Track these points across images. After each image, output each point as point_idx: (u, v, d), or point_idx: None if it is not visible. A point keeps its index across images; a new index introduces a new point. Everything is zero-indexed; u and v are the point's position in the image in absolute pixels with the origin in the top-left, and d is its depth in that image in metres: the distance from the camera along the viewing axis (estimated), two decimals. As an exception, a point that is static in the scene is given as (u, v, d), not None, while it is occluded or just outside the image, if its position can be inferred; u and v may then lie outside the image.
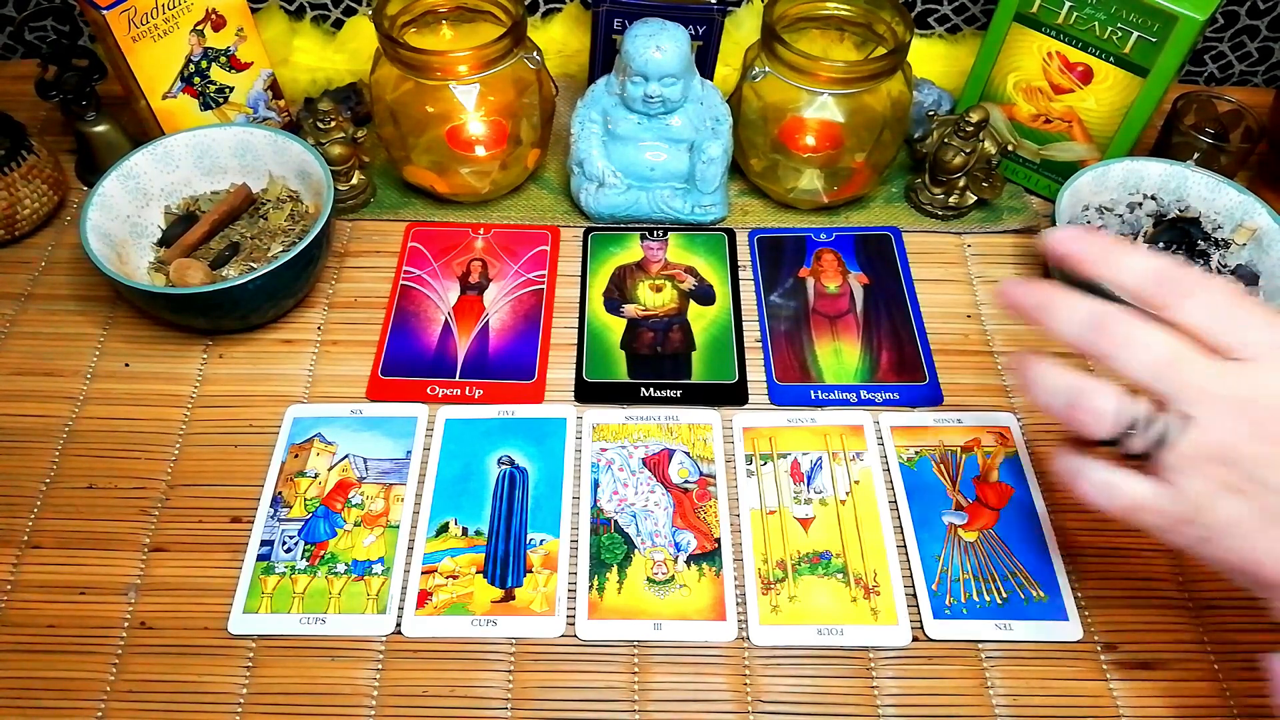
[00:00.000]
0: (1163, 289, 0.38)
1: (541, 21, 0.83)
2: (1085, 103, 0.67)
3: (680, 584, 0.53)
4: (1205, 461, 0.37)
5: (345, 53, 0.80)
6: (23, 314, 0.65)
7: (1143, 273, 0.39)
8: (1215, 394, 0.37)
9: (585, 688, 0.49)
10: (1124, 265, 0.39)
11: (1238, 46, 0.83)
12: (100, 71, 0.69)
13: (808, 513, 0.55)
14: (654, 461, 0.58)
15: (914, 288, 0.67)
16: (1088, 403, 0.38)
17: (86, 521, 0.55)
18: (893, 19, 0.65)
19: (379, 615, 0.52)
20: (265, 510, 0.55)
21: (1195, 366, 0.37)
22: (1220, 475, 0.37)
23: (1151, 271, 0.38)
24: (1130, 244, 0.40)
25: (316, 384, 0.62)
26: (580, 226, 0.71)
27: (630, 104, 0.65)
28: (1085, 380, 0.39)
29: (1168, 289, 0.38)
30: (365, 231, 0.71)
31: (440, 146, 0.69)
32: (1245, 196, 0.63)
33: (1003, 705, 0.49)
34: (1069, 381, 0.39)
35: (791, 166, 0.69)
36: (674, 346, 0.63)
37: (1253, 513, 0.37)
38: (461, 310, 0.65)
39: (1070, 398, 0.39)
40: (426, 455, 0.58)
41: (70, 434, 0.59)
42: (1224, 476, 0.37)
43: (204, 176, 0.68)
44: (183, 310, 0.60)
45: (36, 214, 0.69)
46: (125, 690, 0.49)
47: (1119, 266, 0.39)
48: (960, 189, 0.70)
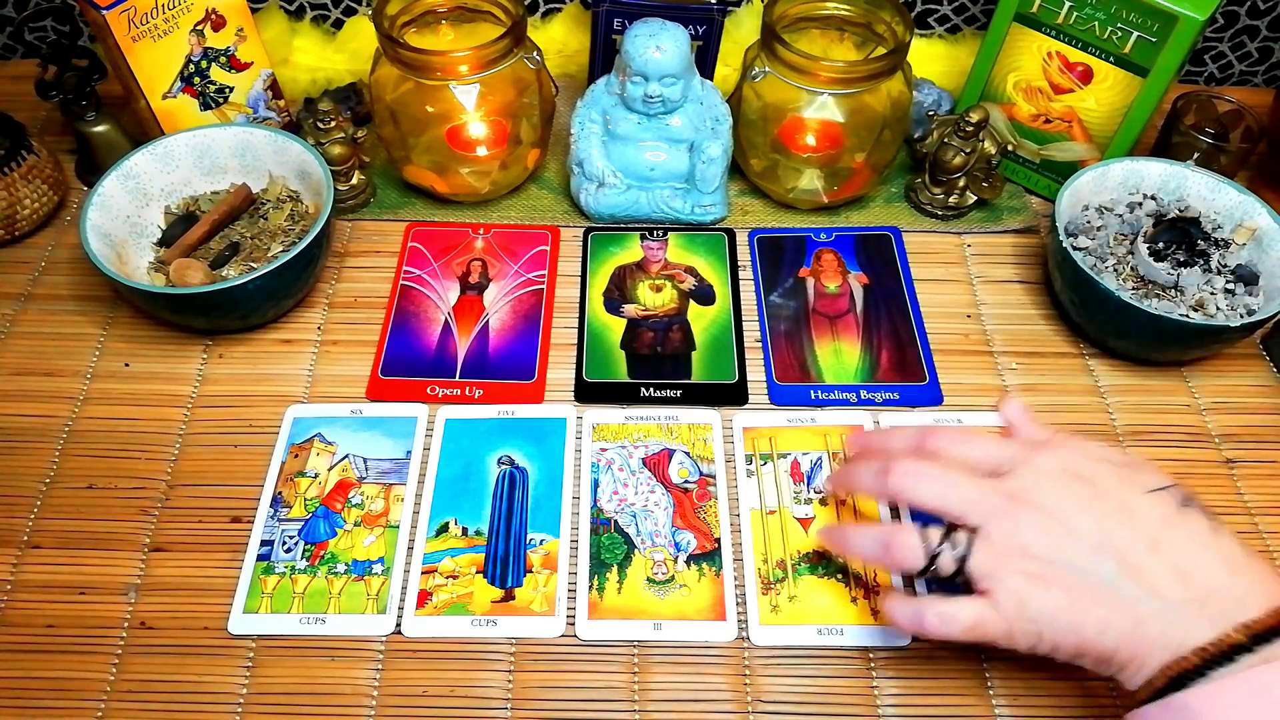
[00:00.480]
0: (925, 445, 0.46)
1: (541, 21, 0.83)
2: (1085, 103, 0.67)
3: (680, 584, 0.53)
4: (1005, 559, 0.41)
5: (345, 53, 0.80)
6: (23, 314, 0.65)
7: (909, 438, 0.47)
8: (989, 503, 0.42)
9: (585, 688, 0.49)
10: (893, 440, 0.48)
11: (1238, 46, 0.83)
12: (100, 71, 0.69)
13: (808, 513, 0.55)
14: (654, 461, 0.58)
15: (914, 288, 0.67)
16: (896, 542, 0.44)
17: (86, 521, 0.55)
18: (893, 19, 0.65)
19: (379, 615, 0.52)
20: (265, 510, 0.55)
21: (968, 486, 0.43)
22: (1021, 568, 0.41)
23: (912, 437, 0.47)
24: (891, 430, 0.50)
25: (316, 384, 0.62)
26: (580, 226, 0.71)
27: (630, 104, 0.65)
28: (888, 526, 0.46)
29: (929, 444, 0.46)
30: (365, 231, 0.71)
31: (440, 146, 0.69)
32: (1245, 196, 0.63)
33: (1003, 705, 0.49)
34: (875, 532, 0.46)
35: (791, 166, 0.69)
36: (674, 346, 0.63)
37: (1060, 594, 0.40)
38: (461, 310, 0.65)
39: (881, 542, 0.44)
40: (426, 455, 0.58)
41: (70, 434, 0.59)
42: (1025, 569, 0.41)
43: (204, 176, 0.68)
44: (183, 310, 0.60)
45: (36, 214, 0.69)
46: (125, 690, 0.49)
47: (890, 443, 0.48)
48: (960, 189, 0.70)
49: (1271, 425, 0.60)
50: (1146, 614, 0.39)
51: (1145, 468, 0.43)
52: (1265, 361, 0.64)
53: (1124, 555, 0.40)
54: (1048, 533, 0.41)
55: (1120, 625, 0.39)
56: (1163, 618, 0.39)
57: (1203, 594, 0.39)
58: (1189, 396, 0.62)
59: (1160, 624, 0.39)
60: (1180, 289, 0.61)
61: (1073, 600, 0.40)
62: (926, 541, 0.43)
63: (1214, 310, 0.59)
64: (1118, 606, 0.39)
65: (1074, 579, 0.40)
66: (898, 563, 0.44)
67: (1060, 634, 0.40)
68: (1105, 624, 0.39)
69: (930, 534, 0.43)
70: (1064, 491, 0.42)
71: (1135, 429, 0.60)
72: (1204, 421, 0.61)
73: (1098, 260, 0.63)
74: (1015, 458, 0.44)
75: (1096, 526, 0.41)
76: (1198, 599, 0.39)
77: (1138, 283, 0.62)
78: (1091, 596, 0.40)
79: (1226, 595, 0.38)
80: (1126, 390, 0.62)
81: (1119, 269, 0.62)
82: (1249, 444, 0.59)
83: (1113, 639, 0.39)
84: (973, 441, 0.45)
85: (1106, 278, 0.61)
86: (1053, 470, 0.43)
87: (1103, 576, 0.40)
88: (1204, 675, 0.37)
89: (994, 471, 0.44)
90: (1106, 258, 0.63)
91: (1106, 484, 0.42)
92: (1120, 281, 0.62)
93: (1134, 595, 0.39)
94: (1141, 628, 0.39)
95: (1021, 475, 0.43)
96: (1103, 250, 0.63)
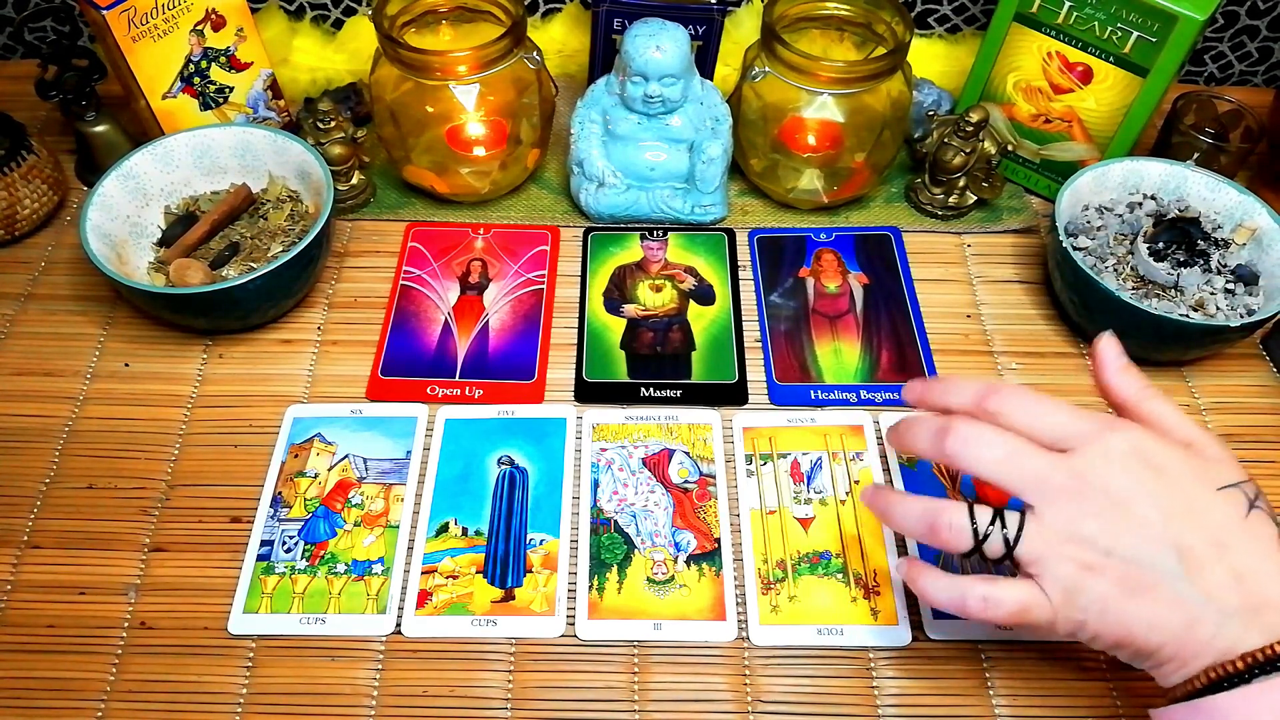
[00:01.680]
0: (987, 405, 0.42)
1: (541, 21, 0.83)
2: (1085, 103, 0.67)
3: (680, 584, 0.53)
4: (1058, 545, 0.39)
5: (345, 53, 0.80)
6: (23, 314, 0.65)
7: (970, 394, 0.43)
8: (1050, 482, 0.40)
9: (585, 688, 0.49)
10: (953, 394, 0.44)
11: (1238, 46, 0.83)
12: (100, 71, 0.69)
13: (808, 513, 0.55)
14: (654, 461, 0.58)
15: (914, 288, 0.67)
16: (943, 520, 0.41)
17: (86, 521, 0.55)
18: (893, 19, 0.65)
19: (379, 615, 0.52)
20: (265, 510, 0.55)
21: (1030, 460, 0.40)
22: (1074, 555, 0.39)
23: (973, 393, 0.43)
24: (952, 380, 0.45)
25: (316, 384, 0.62)
26: (580, 226, 0.71)
27: (630, 104, 0.65)
28: (936, 501, 0.43)
29: (992, 404, 0.42)
30: (365, 231, 0.71)
31: (440, 146, 0.69)
32: (1245, 196, 0.63)
33: (1003, 705, 0.49)
34: (923, 506, 0.43)
35: (791, 166, 0.69)
36: (674, 346, 0.63)
37: (1112, 586, 0.39)
38: (461, 310, 0.65)
39: (928, 520, 0.42)
40: (426, 455, 0.58)
41: (70, 434, 0.59)
42: (1078, 556, 0.39)
43: (204, 176, 0.68)
44: (183, 310, 0.60)
45: (36, 214, 0.69)
46: (125, 690, 0.49)
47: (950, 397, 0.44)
48: (960, 189, 0.70)
49: (1271, 425, 0.60)
50: (1200, 616, 0.38)
51: (1221, 460, 0.41)
52: (1265, 361, 0.64)
53: (1186, 553, 0.38)
54: (1109, 521, 0.39)
55: (1171, 624, 0.38)
56: (1216, 621, 0.37)
57: (1259, 603, 0.37)
58: (1189, 396, 0.62)
59: (1212, 627, 0.37)
60: (1180, 289, 0.61)
61: (1125, 593, 0.38)
62: (975, 522, 0.40)
63: (1214, 310, 0.59)
64: (1171, 605, 0.38)
65: (1129, 571, 0.38)
66: (944, 543, 0.41)
67: (1107, 626, 0.39)
68: (1155, 621, 0.38)
69: (980, 513, 0.41)
70: (1132, 478, 0.39)
71: (1135, 429, 0.60)
72: (1204, 421, 0.61)
73: (1098, 260, 0.63)
74: (1085, 433, 0.40)
75: (1161, 520, 0.39)
76: (1253, 607, 0.37)
77: (1138, 283, 0.62)
78: (1145, 591, 0.38)
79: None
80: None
81: (1119, 269, 0.62)
82: (1249, 444, 0.59)
83: (1160, 637, 0.38)
84: (1041, 407, 0.42)
85: (1106, 278, 0.61)
86: (1123, 453, 0.40)
87: (1161, 573, 0.38)
88: (1245, 681, 0.36)
89: (1058, 444, 0.41)
90: (1106, 258, 0.63)
91: (1178, 475, 0.40)
92: (1120, 281, 0.62)
93: (1190, 596, 0.38)
94: (1192, 629, 0.38)
95: (1089, 454, 0.40)
96: (1103, 250, 0.63)
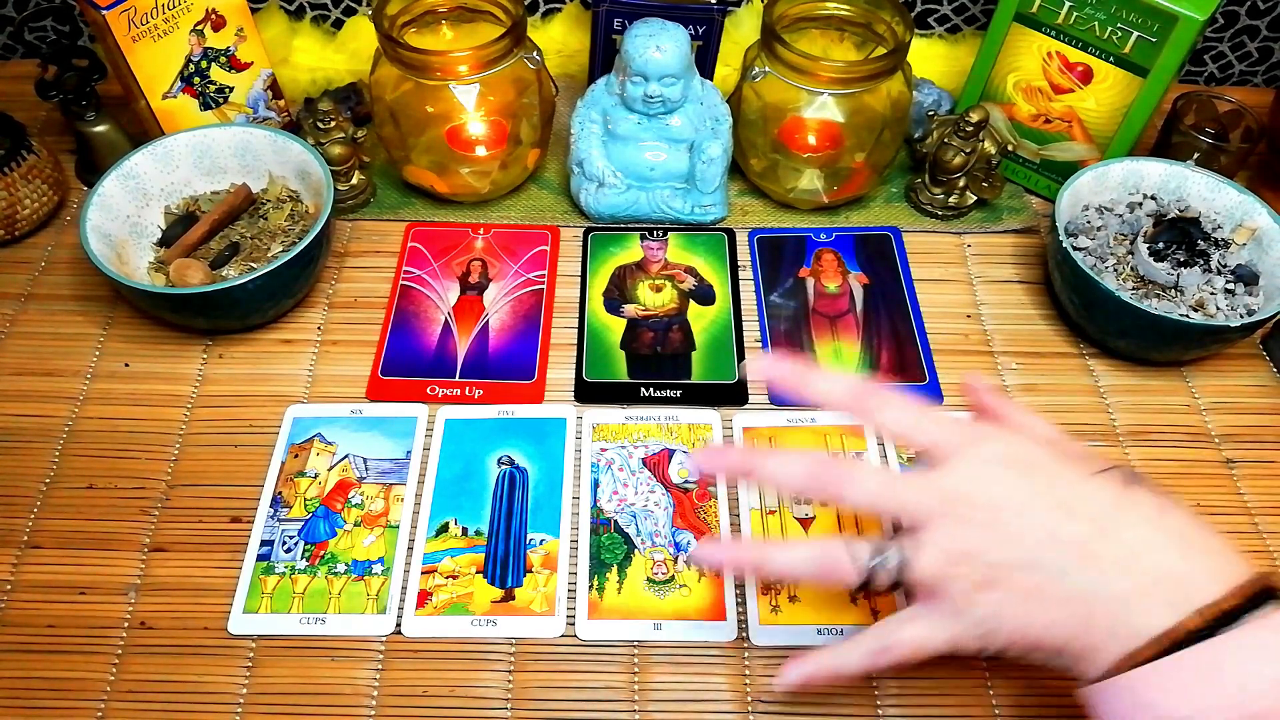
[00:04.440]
0: (858, 405, 0.42)
1: (541, 21, 0.83)
2: (1085, 103, 0.67)
3: (680, 584, 0.53)
4: (946, 566, 0.39)
5: (345, 53, 0.80)
6: (23, 314, 0.65)
7: (839, 393, 0.43)
8: (928, 503, 0.39)
9: (585, 688, 0.49)
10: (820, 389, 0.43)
11: (1238, 46, 0.83)
12: (100, 71, 0.69)
13: (808, 513, 0.55)
14: (654, 461, 0.58)
15: (914, 288, 0.67)
16: (829, 559, 0.40)
17: (86, 521, 0.55)
18: (893, 19, 0.65)
19: (379, 615, 0.52)
20: (265, 510, 0.55)
21: (904, 484, 0.40)
22: (965, 574, 0.38)
23: (844, 391, 0.43)
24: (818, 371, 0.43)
25: (316, 384, 0.62)
26: (580, 226, 0.71)
27: (630, 104, 0.65)
28: (819, 543, 0.42)
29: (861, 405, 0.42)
30: (365, 231, 0.71)
31: (440, 146, 0.69)
32: (1245, 196, 0.63)
33: (1002, 705, 0.49)
34: (806, 551, 0.42)
35: (791, 166, 0.69)
36: (674, 346, 0.63)
37: (1009, 597, 0.38)
38: (461, 310, 0.65)
39: (814, 562, 0.41)
40: (426, 455, 0.58)
41: (70, 434, 0.59)
42: (969, 574, 0.38)
43: (204, 176, 0.68)
44: (183, 310, 0.60)
45: (36, 214, 0.69)
46: (125, 690, 0.49)
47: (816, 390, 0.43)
48: (960, 189, 0.70)
49: (1271, 425, 0.60)
50: (1098, 605, 0.37)
51: (1086, 453, 0.41)
52: (1265, 361, 0.64)
53: (1073, 547, 0.38)
54: (992, 532, 0.38)
55: (1069, 621, 0.37)
56: (1114, 608, 0.37)
57: (1157, 576, 0.37)
58: (1189, 396, 0.62)
59: (1112, 615, 0.37)
60: (1180, 289, 0.61)
61: (1019, 600, 0.38)
62: (856, 559, 0.40)
63: (1214, 310, 0.59)
64: (1068, 601, 0.37)
65: (1021, 578, 0.38)
66: (833, 581, 0.41)
67: (1009, 635, 0.38)
68: (1054, 620, 0.38)
69: (858, 549, 0.40)
70: (1007, 485, 0.39)
71: (1135, 429, 0.60)
72: (1204, 421, 0.61)
73: (1098, 260, 0.63)
74: (954, 443, 0.40)
75: (1044, 519, 0.38)
76: (1152, 582, 0.37)
77: (1138, 283, 0.62)
78: (1040, 594, 0.38)
79: (1182, 578, 0.36)
80: (1126, 390, 0.62)
81: (1119, 269, 0.62)
82: (1249, 444, 0.59)
83: (1063, 634, 0.38)
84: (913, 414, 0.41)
85: (1106, 278, 0.61)
86: (993, 460, 0.40)
87: (1049, 572, 0.37)
88: None
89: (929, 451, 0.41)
90: (1106, 258, 0.63)
91: (1050, 470, 0.40)
92: (1120, 281, 0.62)
93: (1085, 587, 0.37)
94: (1092, 620, 0.37)
95: (960, 468, 0.40)
96: (1103, 250, 0.63)
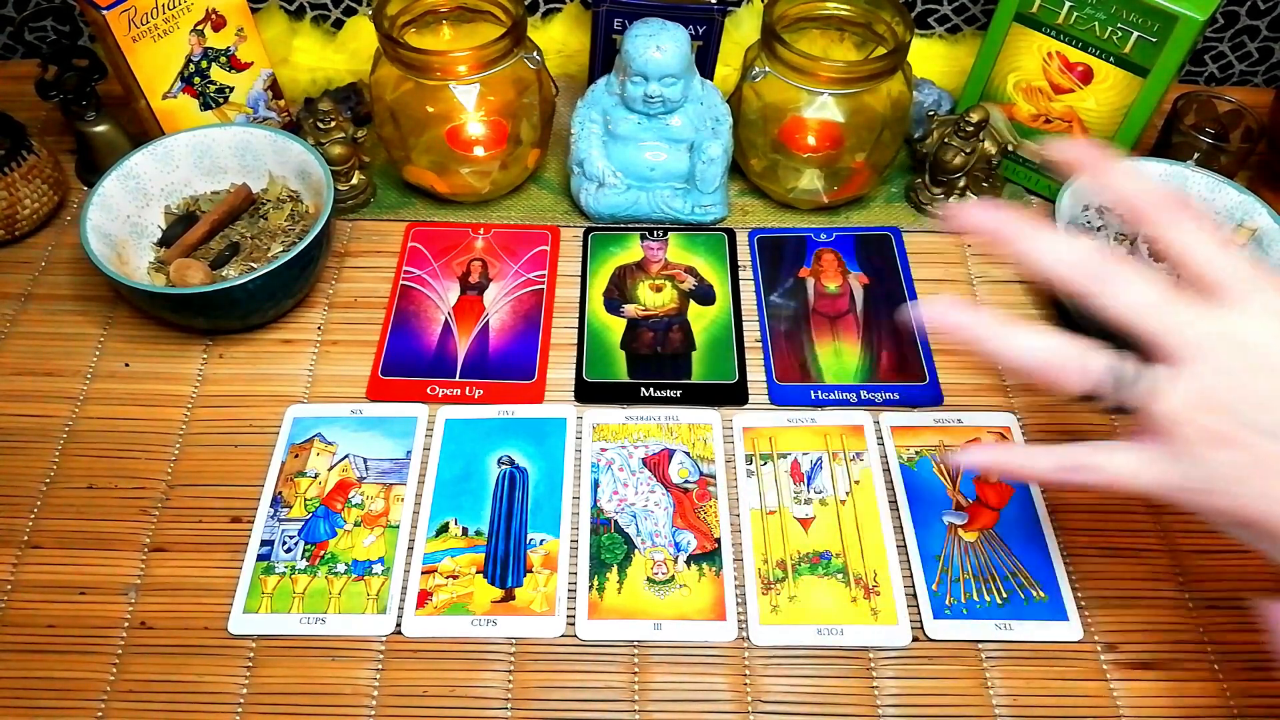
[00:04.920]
0: (1158, 211, 0.38)
1: (541, 21, 0.83)
2: (1085, 103, 0.67)
3: (680, 584, 0.53)
4: (1196, 410, 0.35)
5: (345, 53, 0.80)
6: (23, 314, 0.65)
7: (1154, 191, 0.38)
8: (1200, 337, 0.36)
9: (585, 688, 0.49)
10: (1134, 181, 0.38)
11: (1238, 46, 0.83)
12: (100, 71, 0.69)
13: (808, 513, 0.55)
14: (654, 461, 0.58)
15: (914, 288, 0.67)
16: (1059, 356, 0.37)
17: (86, 521, 0.55)
18: (893, 19, 0.65)
19: (379, 615, 0.52)
20: (265, 510, 0.55)
21: (1181, 310, 0.36)
22: (1212, 424, 0.35)
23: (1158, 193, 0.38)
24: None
25: (316, 384, 0.62)
26: (580, 226, 0.71)
27: (630, 104, 0.65)
28: (1055, 338, 0.38)
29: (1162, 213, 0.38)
30: (365, 231, 0.71)
31: (440, 146, 0.69)
32: (1245, 196, 0.63)
33: (1003, 705, 0.49)
34: (1039, 341, 0.38)
35: (791, 166, 0.69)
36: (674, 346, 0.63)
37: (1247, 462, 0.35)
38: (461, 310, 0.65)
39: (1043, 355, 0.37)
40: (426, 455, 0.58)
41: (70, 434, 0.59)
42: (1216, 425, 0.35)
43: (204, 176, 0.68)
44: (183, 310, 0.60)
45: (36, 214, 0.69)
46: (125, 690, 0.49)
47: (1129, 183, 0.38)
48: (960, 189, 0.70)
49: (1271, 425, 0.60)
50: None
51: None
52: (1265, 361, 0.64)
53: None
54: (1260, 390, 0.35)
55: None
56: None
57: None
58: (1189, 396, 0.62)
59: None
60: (1180, 289, 0.61)
61: (1260, 474, 0.35)
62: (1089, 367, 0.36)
63: (1214, 310, 0.59)
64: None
65: (1267, 449, 0.35)
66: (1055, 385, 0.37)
67: (1233, 503, 0.36)
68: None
69: (1094, 357, 0.36)
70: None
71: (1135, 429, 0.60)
72: (1204, 421, 0.60)
73: (1098, 260, 0.63)
74: (1239, 282, 0.36)
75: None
76: None
77: (1138, 283, 0.62)
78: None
79: None
80: (1126, 390, 0.62)
81: (1119, 269, 0.62)
82: (1249, 444, 0.59)
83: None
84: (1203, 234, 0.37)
85: (1106, 278, 0.61)
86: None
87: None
88: None
89: (1207, 280, 0.36)
90: (1106, 258, 0.63)
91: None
92: (1120, 281, 0.62)
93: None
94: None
95: (1250, 312, 0.35)
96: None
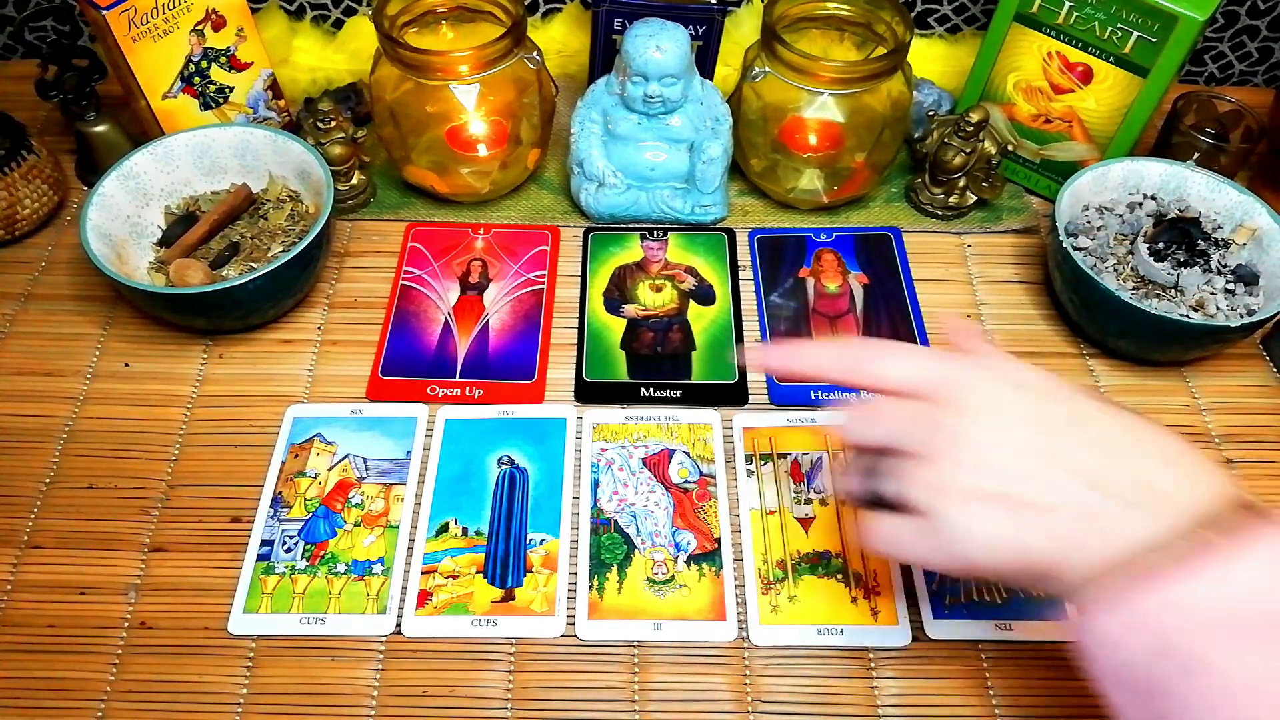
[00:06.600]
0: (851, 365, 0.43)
1: (541, 21, 0.83)
2: (1085, 103, 0.67)
3: (680, 584, 0.53)
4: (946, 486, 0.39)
5: (345, 53, 0.80)
6: (23, 314, 0.65)
7: (830, 359, 0.43)
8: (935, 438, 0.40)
9: (585, 688, 0.49)
10: (810, 359, 0.44)
11: (1238, 46, 0.83)
12: (100, 71, 0.69)
13: (808, 513, 0.55)
14: (654, 461, 0.58)
15: (914, 288, 0.67)
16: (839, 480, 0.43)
17: (86, 521, 0.55)
18: (893, 19, 0.65)
19: (379, 615, 0.52)
20: (265, 510, 0.55)
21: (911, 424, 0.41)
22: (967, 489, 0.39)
23: (834, 355, 0.43)
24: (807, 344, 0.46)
25: (316, 384, 0.62)
26: (580, 226, 0.71)
27: (630, 104, 0.65)
28: None
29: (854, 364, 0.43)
30: (365, 231, 0.71)
31: (440, 146, 0.69)
32: (1245, 196, 0.63)
33: (1003, 705, 0.49)
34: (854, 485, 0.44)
35: (791, 166, 0.69)
36: (674, 346, 0.63)
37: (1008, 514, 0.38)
38: (461, 310, 0.65)
39: None
40: (426, 455, 0.58)
41: (70, 434, 0.59)
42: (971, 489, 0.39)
43: (204, 176, 0.68)
44: (183, 310, 0.60)
45: (36, 214, 0.69)
46: (125, 690, 0.49)
47: (807, 362, 0.44)
48: (960, 189, 0.70)
49: (1271, 425, 0.60)
50: (1096, 512, 0.37)
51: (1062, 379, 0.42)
52: (1265, 361, 0.64)
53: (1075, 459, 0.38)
54: (996, 450, 0.39)
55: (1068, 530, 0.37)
56: (1109, 515, 0.37)
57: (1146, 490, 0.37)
58: (1189, 396, 0.62)
59: (1106, 522, 0.37)
60: (1180, 289, 0.61)
61: (1020, 517, 0.38)
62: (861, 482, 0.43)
63: (1214, 310, 0.59)
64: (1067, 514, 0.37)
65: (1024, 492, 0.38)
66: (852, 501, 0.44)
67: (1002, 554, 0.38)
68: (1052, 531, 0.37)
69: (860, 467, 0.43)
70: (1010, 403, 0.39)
71: (1135, 429, 0.60)
72: (1204, 421, 0.61)
73: (1098, 260, 0.63)
74: (951, 375, 0.41)
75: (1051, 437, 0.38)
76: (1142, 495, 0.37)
77: (1138, 283, 0.62)
78: (1036, 510, 0.38)
79: (1169, 492, 0.37)
80: (1126, 390, 0.62)
81: (1119, 269, 0.62)
82: (1249, 444, 0.59)
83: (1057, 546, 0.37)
84: (913, 359, 0.42)
85: (1106, 278, 0.61)
86: (995, 380, 0.40)
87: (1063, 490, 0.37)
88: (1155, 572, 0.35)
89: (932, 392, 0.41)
90: (1106, 258, 0.63)
91: (1046, 386, 0.40)
92: (1120, 281, 0.62)
93: (1088, 501, 0.37)
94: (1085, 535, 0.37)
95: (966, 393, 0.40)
96: (1103, 250, 0.63)
